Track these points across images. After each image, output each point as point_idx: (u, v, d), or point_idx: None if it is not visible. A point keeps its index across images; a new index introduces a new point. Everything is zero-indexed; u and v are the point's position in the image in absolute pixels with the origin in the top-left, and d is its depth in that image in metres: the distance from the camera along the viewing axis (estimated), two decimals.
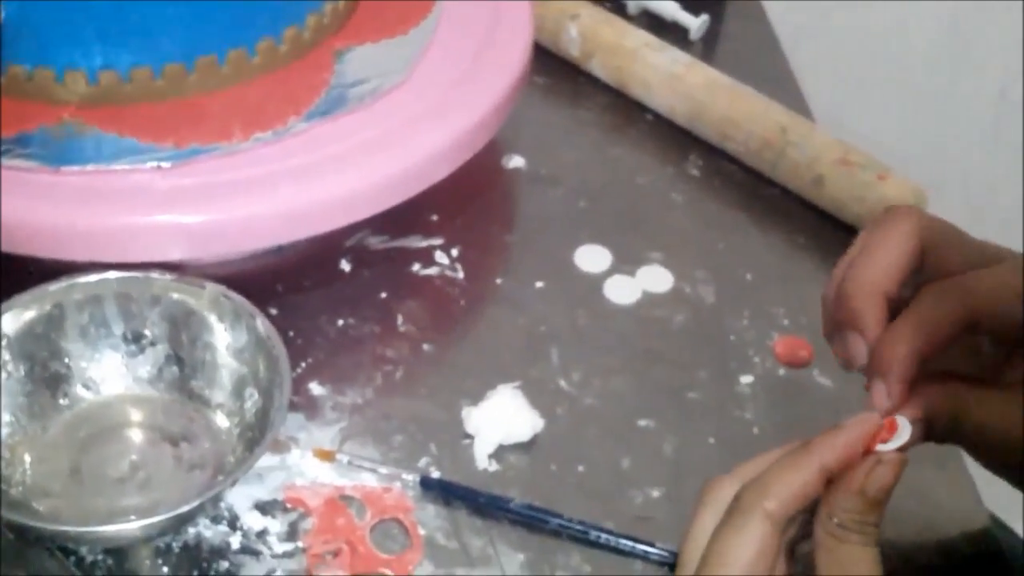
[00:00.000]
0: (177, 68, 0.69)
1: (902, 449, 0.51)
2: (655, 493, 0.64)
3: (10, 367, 0.64)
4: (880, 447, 0.50)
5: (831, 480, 0.50)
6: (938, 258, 0.54)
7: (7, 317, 0.64)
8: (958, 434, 0.54)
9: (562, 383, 0.69)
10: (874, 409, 0.52)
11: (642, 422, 0.68)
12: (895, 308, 0.53)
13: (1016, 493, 0.57)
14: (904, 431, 0.51)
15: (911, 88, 1.23)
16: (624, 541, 0.62)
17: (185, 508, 0.58)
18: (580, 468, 0.65)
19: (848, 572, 0.49)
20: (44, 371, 0.65)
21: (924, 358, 0.52)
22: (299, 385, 0.67)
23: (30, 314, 0.65)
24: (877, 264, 0.53)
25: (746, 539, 0.49)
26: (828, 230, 0.79)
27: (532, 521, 0.62)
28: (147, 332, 0.66)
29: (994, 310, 0.52)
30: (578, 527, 0.62)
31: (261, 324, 0.64)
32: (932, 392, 0.53)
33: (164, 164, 0.67)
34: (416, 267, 0.74)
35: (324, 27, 0.73)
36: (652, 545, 0.61)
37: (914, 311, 0.52)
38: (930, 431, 0.53)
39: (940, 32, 1.21)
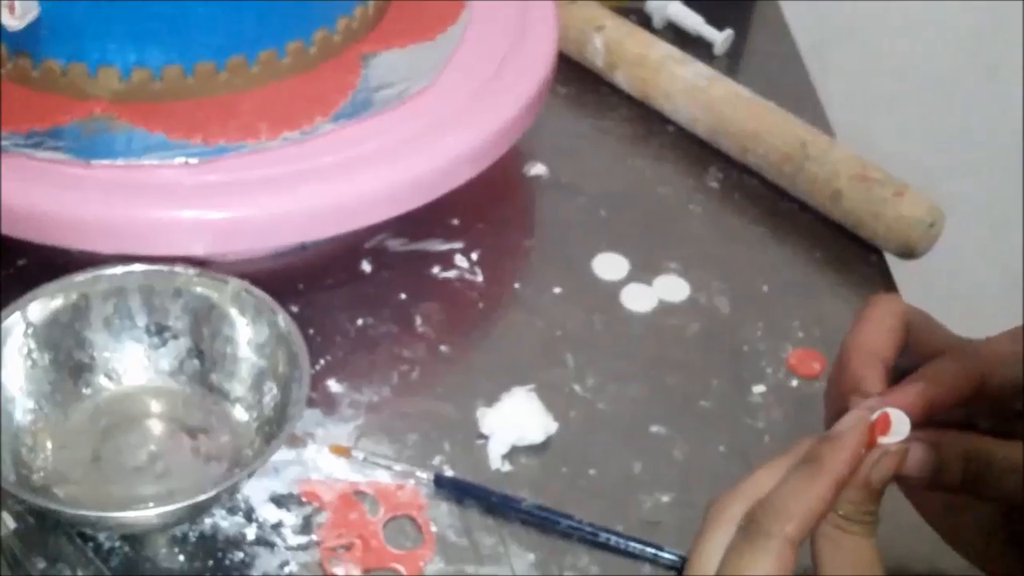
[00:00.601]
0: (208, 67, 0.70)
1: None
2: (665, 498, 0.65)
3: (35, 355, 0.65)
4: (881, 440, 0.50)
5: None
6: (919, 341, 0.56)
7: (34, 306, 0.65)
8: (979, 481, 0.54)
9: (576, 387, 0.70)
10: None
11: (654, 428, 0.68)
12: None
13: None
14: (901, 424, 0.51)
15: (932, 104, 1.23)
16: (633, 544, 0.62)
17: (202, 497, 0.59)
18: (591, 471, 0.66)
19: (855, 562, 0.50)
20: (68, 360, 0.66)
21: (932, 408, 0.53)
22: (317, 382, 0.68)
23: (56, 304, 0.66)
24: (872, 334, 0.55)
25: (769, 564, 0.48)
26: (845, 245, 0.80)
27: (543, 522, 0.63)
28: (170, 325, 0.67)
29: (1001, 372, 0.54)
30: (588, 529, 0.63)
31: (282, 320, 0.65)
32: (949, 435, 0.54)
33: (192, 160, 0.68)
34: (436, 270, 0.75)
35: (353, 31, 0.74)
36: (661, 549, 0.62)
37: (924, 368, 0.54)
38: (947, 475, 0.53)
39: (962, 49, 1.22)
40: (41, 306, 0.65)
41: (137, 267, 0.67)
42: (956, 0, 1.18)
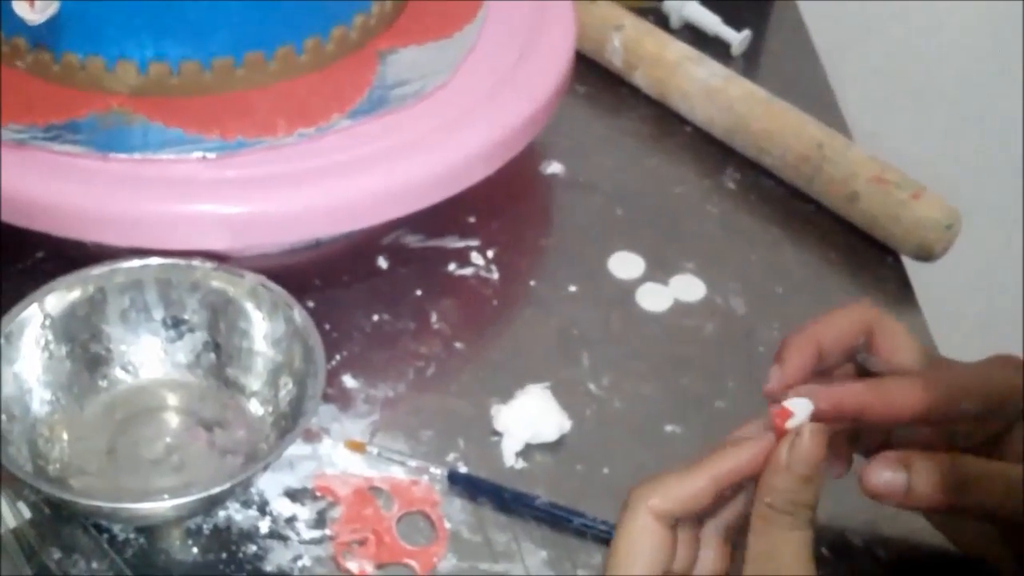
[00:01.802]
0: (225, 62, 0.70)
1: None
2: None
3: (52, 347, 0.65)
4: (789, 424, 0.51)
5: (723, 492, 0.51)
6: (885, 348, 0.57)
7: (51, 298, 0.65)
8: (955, 498, 0.54)
9: (591, 386, 0.70)
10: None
11: (669, 427, 0.68)
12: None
13: None
14: (801, 408, 0.51)
15: (949, 105, 1.23)
16: None
17: (216, 490, 0.59)
18: (605, 470, 0.66)
19: (775, 553, 0.50)
20: (85, 352, 0.66)
21: (863, 413, 0.53)
22: (333, 377, 0.68)
23: (73, 296, 0.66)
24: (823, 323, 0.58)
25: (632, 534, 0.50)
26: (861, 247, 0.80)
27: (556, 519, 0.63)
28: (186, 318, 0.68)
29: (952, 404, 0.54)
30: (601, 527, 0.63)
31: (298, 315, 0.65)
32: (923, 454, 0.54)
33: (209, 155, 0.68)
34: (452, 267, 0.75)
35: (370, 28, 0.75)
36: None
37: (877, 380, 0.55)
38: (922, 493, 0.54)
39: (980, 50, 1.21)
40: (58, 298, 0.66)
41: (154, 260, 0.67)
42: (974, 1, 1.18)
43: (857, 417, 0.54)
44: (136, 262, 0.67)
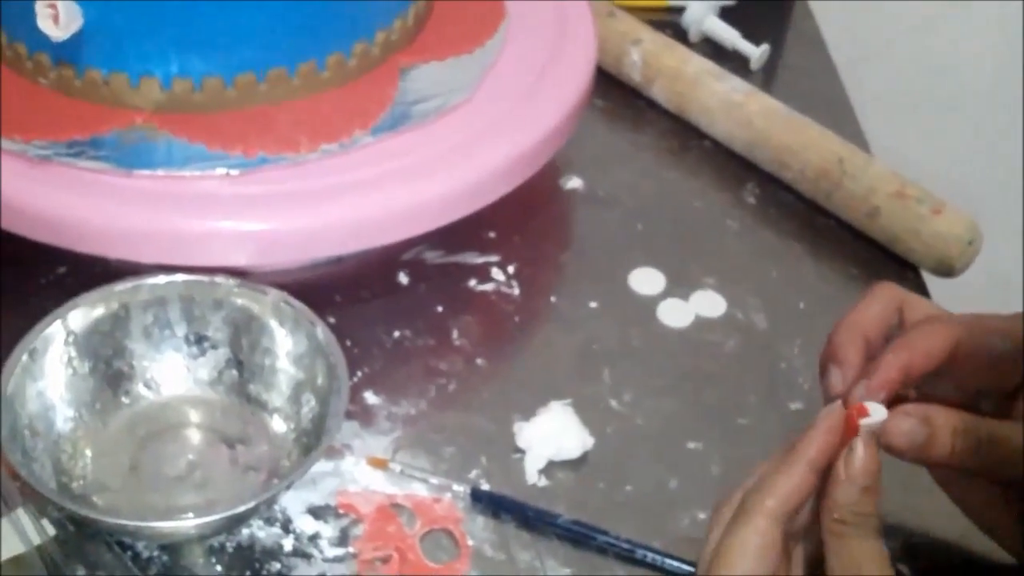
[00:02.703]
0: (249, 79, 0.70)
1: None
2: (702, 515, 0.65)
3: (75, 363, 0.65)
4: (862, 422, 0.52)
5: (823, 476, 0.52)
6: (915, 320, 0.59)
7: (74, 314, 0.65)
8: (968, 455, 0.56)
9: (613, 402, 0.70)
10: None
11: (691, 444, 0.68)
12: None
13: None
14: (877, 411, 0.52)
15: (969, 120, 1.23)
16: (670, 561, 0.62)
17: (241, 508, 0.59)
18: (628, 487, 0.66)
19: (853, 565, 0.51)
20: (108, 369, 0.67)
21: (909, 373, 0.56)
22: (354, 394, 0.68)
23: (97, 313, 0.66)
24: (860, 312, 0.59)
25: (749, 535, 0.51)
26: (881, 262, 0.80)
27: (579, 537, 0.63)
28: (209, 335, 0.68)
29: (980, 340, 0.57)
30: (624, 545, 0.63)
31: (321, 332, 0.65)
32: (942, 410, 0.56)
33: (232, 172, 0.68)
34: (472, 283, 0.76)
35: (392, 43, 0.75)
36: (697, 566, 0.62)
37: (900, 338, 0.57)
38: (937, 448, 0.55)
39: (1000, 64, 1.21)
40: (81, 315, 0.66)
41: (178, 277, 0.67)
42: (994, 15, 1.18)
43: (907, 381, 0.56)
44: (159, 279, 0.67)
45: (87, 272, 0.71)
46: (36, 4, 0.67)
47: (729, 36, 0.94)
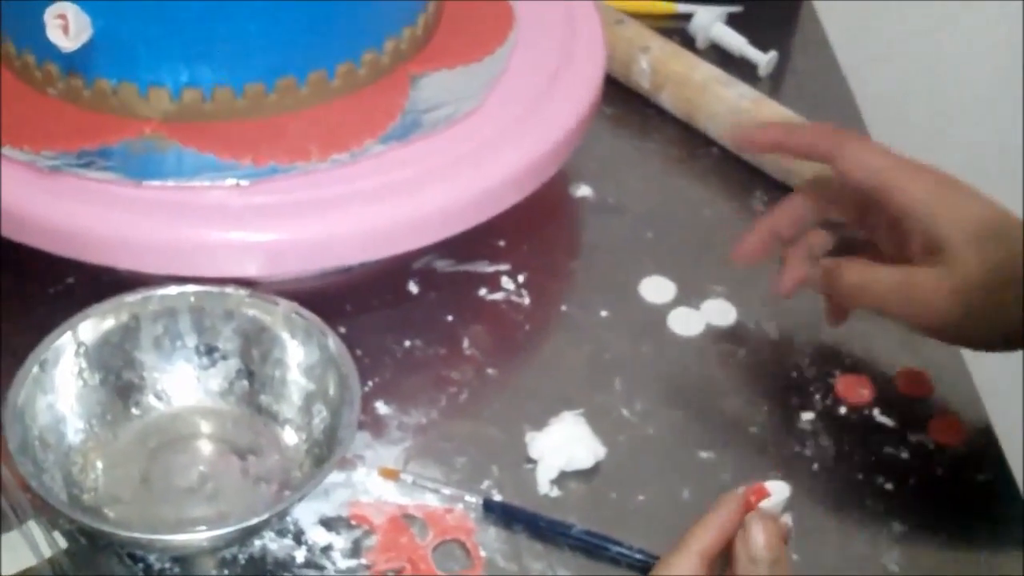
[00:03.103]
0: (258, 88, 0.70)
1: None
2: None
3: (86, 375, 0.65)
4: (763, 504, 0.54)
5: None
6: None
7: (85, 326, 0.65)
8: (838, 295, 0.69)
9: (624, 412, 0.70)
10: None
11: (703, 454, 0.68)
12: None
13: None
14: (778, 492, 0.54)
15: (976, 124, 1.23)
16: None
17: (254, 521, 0.59)
18: (640, 497, 0.66)
19: None
20: (118, 380, 0.66)
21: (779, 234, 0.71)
22: (365, 403, 0.68)
23: (107, 324, 0.66)
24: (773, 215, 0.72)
25: None
26: None
27: (592, 547, 0.63)
28: (219, 346, 0.67)
29: (850, 164, 0.68)
30: (637, 556, 0.63)
31: (332, 343, 0.65)
32: (835, 261, 0.68)
33: (243, 182, 0.68)
34: (483, 291, 0.75)
35: (402, 52, 0.75)
36: None
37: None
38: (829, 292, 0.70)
39: (1007, 68, 1.21)
40: (92, 326, 0.66)
41: (188, 288, 0.67)
42: (1000, 17, 1.17)
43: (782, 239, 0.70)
44: (170, 290, 0.67)
45: (95, 282, 0.71)
46: (46, 15, 0.66)
47: (736, 43, 0.94)
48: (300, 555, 0.62)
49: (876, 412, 0.71)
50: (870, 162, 0.67)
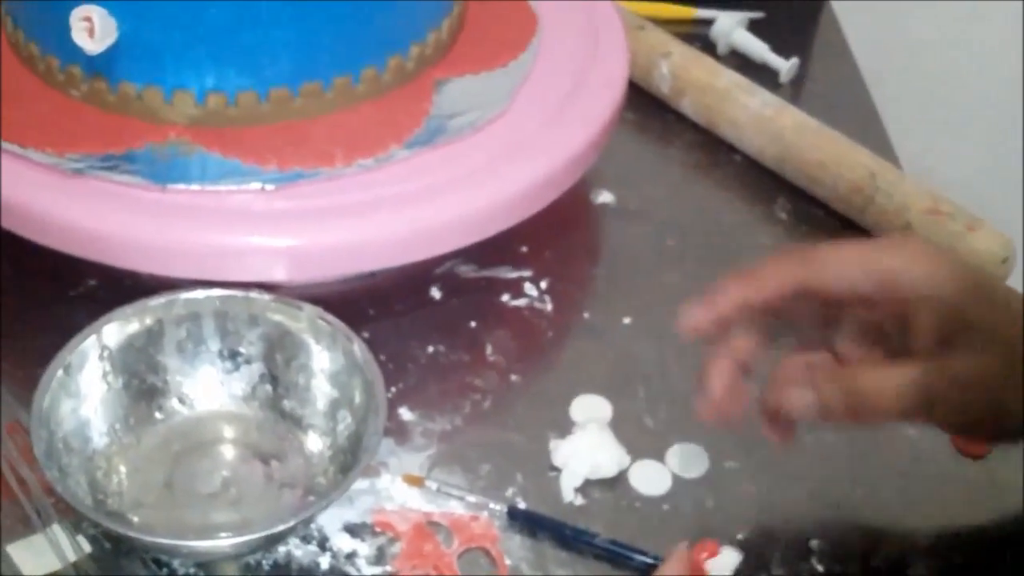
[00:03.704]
0: (283, 92, 0.70)
1: None
2: (739, 535, 0.64)
3: (110, 379, 0.65)
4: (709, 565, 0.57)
5: None
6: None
7: (109, 329, 0.65)
8: (859, 413, 0.58)
9: (648, 421, 0.70)
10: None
11: (728, 463, 0.68)
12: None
13: None
14: (728, 557, 0.57)
15: (1000, 130, 1.22)
16: None
17: (280, 527, 0.58)
18: (665, 507, 0.66)
19: None
20: (141, 384, 0.66)
21: (752, 306, 0.59)
22: (389, 410, 0.67)
23: (131, 328, 0.66)
24: (753, 278, 0.60)
25: None
26: None
27: (617, 557, 0.63)
28: (243, 350, 0.67)
29: (830, 276, 0.58)
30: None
31: (358, 348, 0.65)
32: (824, 372, 0.58)
33: (268, 187, 0.68)
34: (506, 297, 0.75)
35: (426, 57, 0.74)
36: None
37: (751, 269, 0.59)
38: (831, 410, 0.58)
39: None
40: (116, 330, 0.65)
41: (213, 292, 0.66)
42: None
43: (744, 309, 0.59)
44: (194, 294, 0.66)
45: (118, 285, 0.71)
46: (71, 17, 0.66)
47: (758, 49, 0.94)
48: (324, 562, 0.62)
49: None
50: (854, 263, 0.58)
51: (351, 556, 0.62)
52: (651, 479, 0.67)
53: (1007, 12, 1.18)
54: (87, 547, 0.61)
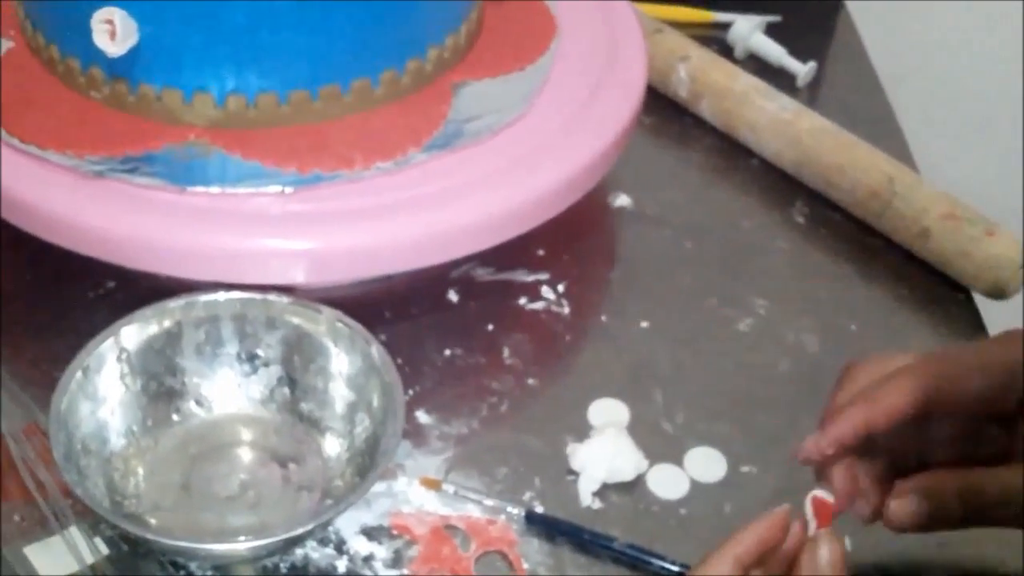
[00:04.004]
0: (302, 95, 0.70)
1: None
2: None
3: (128, 380, 0.65)
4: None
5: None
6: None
7: (127, 331, 0.65)
8: (979, 514, 0.55)
9: (665, 425, 0.69)
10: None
11: (744, 468, 0.68)
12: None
13: None
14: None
15: (1018, 137, 1.22)
16: None
17: (299, 531, 0.58)
18: (682, 511, 0.66)
19: None
20: (160, 386, 0.66)
21: (872, 429, 0.55)
22: (406, 413, 0.67)
23: (150, 330, 0.66)
24: (873, 398, 0.56)
25: None
26: (932, 284, 0.79)
27: (635, 561, 0.63)
28: (261, 353, 0.67)
29: (952, 387, 0.56)
30: (680, 570, 0.62)
31: (376, 351, 0.65)
32: (940, 476, 0.56)
33: (287, 189, 0.68)
34: (523, 301, 0.75)
35: (444, 60, 0.74)
36: None
37: (869, 388, 0.56)
38: (946, 516, 0.55)
39: None
40: (134, 332, 0.65)
41: (233, 294, 0.66)
42: None
43: (868, 434, 0.55)
44: (213, 296, 0.66)
45: (136, 287, 0.71)
46: (92, 19, 0.66)
47: (775, 53, 0.94)
48: (342, 565, 0.62)
49: None
50: (975, 368, 0.56)
51: (368, 559, 0.62)
52: (669, 483, 0.67)
53: None
54: (104, 549, 0.61)
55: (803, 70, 0.93)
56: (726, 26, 0.95)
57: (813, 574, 0.52)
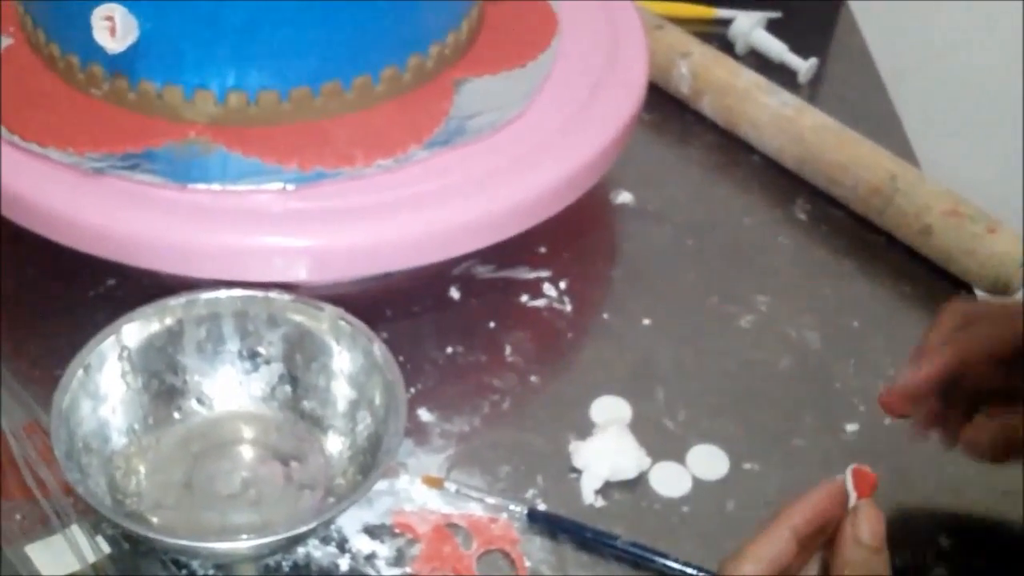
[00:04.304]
0: (303, 92, 0.70)
1: None
2: None
3: (129, 379, 0.65)
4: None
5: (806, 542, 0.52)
6: None
7: (129, 329, 0.65)
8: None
9: (668, 423, 0.69)
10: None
11: (747, 465, 0.68)
12: None
13: None
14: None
15: (1020, 133, 1.22)
16: None
17: (301, 529, 0.58)
18: (685, 508, 0.66)
19: None
20: (161, 384, 0.66)
21: (963, 366, 0.59)
22: (408, 411, 0.67)
23: (151, 328, 0.66)
24: (968, 335, 0.61)
25: None
26: (934, 280, 0.79)
27: (638, 559, 0.63)
28: (262, 351, 0.67)
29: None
30: (683, 568, 0.62)
31: (378, 349, 0.65)
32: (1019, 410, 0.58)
33: (288, 186, 0.68)
34: (524, 298, 0.75)
35: (446, 57, 0.74)
36: None
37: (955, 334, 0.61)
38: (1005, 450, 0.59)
39: None
40: (136, 329, 0.65)
41: (235, 292, 0.66)
42: None
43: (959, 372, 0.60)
44: (215, 294, 0.66)
45: (137, 285, 0.71)
46: (93, 16, 0.66)
47: (776, 49, 0.94)
48: (344, 563, 0.62)
49: None
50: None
51: (370, 557, 0.62)
52: (671, 481, 0.67)
53: None
54: (106, 548, 0.61)
55: (804, 66, 0.93)
56: (727, 22, 0.95)
57: (856, 539, 0.51)
